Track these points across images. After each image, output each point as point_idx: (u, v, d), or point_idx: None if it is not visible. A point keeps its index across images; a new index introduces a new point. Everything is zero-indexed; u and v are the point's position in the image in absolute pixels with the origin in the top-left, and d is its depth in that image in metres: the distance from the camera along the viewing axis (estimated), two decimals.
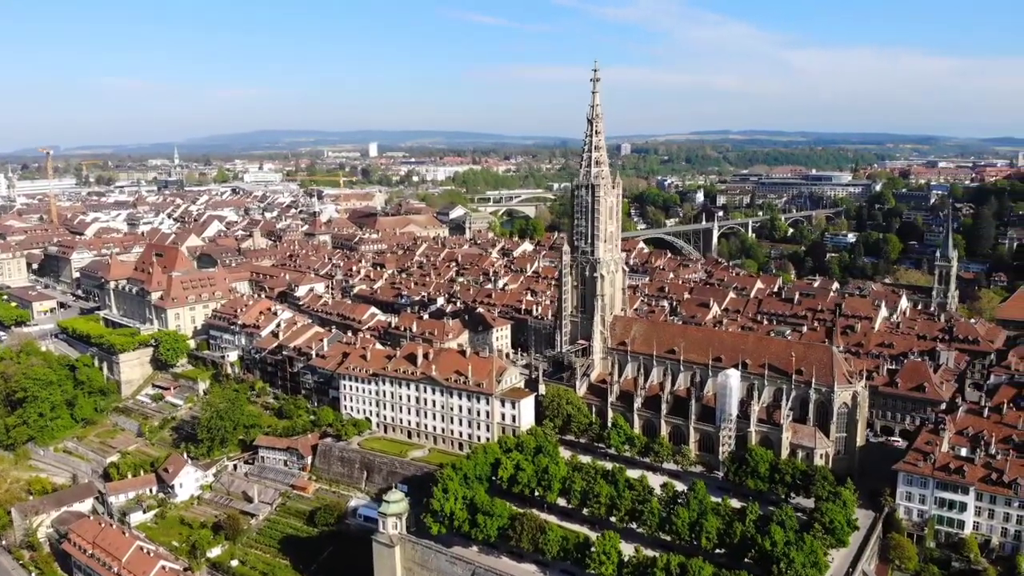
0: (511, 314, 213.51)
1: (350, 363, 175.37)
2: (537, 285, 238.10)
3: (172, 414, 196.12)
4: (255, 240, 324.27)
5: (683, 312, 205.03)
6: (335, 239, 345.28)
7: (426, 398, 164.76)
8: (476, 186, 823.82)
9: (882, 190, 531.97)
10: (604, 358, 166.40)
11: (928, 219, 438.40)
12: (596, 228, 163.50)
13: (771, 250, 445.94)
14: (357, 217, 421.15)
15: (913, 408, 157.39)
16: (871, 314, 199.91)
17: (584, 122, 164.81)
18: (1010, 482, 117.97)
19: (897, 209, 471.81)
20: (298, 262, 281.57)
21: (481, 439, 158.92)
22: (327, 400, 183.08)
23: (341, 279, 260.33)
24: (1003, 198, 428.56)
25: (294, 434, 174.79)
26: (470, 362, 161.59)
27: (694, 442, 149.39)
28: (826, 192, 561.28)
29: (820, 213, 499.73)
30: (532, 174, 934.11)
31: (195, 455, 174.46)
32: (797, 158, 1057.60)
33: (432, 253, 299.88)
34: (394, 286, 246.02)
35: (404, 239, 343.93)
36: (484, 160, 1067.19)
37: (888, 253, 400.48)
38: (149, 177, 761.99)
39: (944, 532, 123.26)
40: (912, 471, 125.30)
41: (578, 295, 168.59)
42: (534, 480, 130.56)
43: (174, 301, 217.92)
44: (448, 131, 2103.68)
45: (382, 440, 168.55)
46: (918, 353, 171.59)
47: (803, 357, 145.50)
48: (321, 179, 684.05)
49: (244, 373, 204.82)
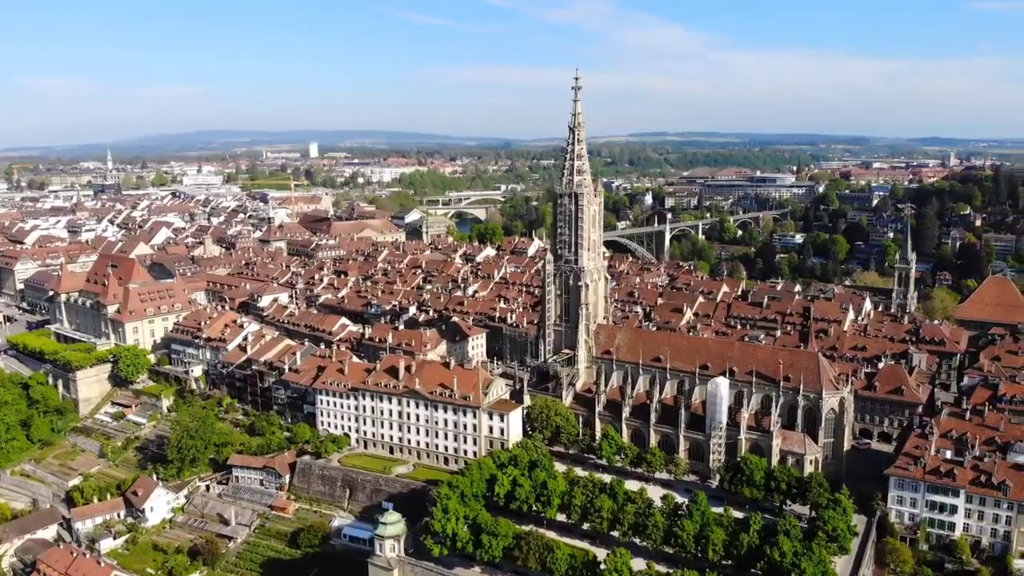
0: (485, 322, 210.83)
1: (327, 377, 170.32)
2: (508, 292, 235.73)
3: (135, 433, 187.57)
4: (207, 247, 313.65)
5: (657, 318, 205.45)
6: (290, 245, 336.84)
7: (409, 412, 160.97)
8: (424, 188, 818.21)
9: (825, 191, 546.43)
10: (589, 367, 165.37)
11: (872, 220, 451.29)
12: (580, 237, 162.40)
13: (721, 251, 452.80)
14: (309, 222, 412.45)
15: (891, 411, 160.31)
16: (840, 317, 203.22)
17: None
18: (999, 484, 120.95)
19: (842, 210, 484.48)
20: (255, 270, 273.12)
21: (468, 453, 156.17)
22: (302, 416, 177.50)
23: (303, 288, 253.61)
24: (943, 198, 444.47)
25: (269, 452, 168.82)
26: (455, 374, 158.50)
27: (684, 451, 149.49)
28: (771, 194, 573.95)
29: (767, 214, 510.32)
30: (479, 176, 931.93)
31: (164, 476, 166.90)
32: (736, 159, 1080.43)
33: (395, 259, 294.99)
34: (360, 295, 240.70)
35: (362, 245, 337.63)
36: (429, 161, 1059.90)
37: (836, 253, 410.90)
38: (84, 181, 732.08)
39: (935, 534, 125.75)
40: (903, 475, 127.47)
41: (561, 304, 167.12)
42: (532, 496, 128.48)
43: (132, 314, 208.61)
44: (390, 131, 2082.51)
45: (363, 456, 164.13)
46: (891, 356, 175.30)
47: (790, 364, 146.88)
48: (265, 182, 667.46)
49: (210, 389, 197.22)
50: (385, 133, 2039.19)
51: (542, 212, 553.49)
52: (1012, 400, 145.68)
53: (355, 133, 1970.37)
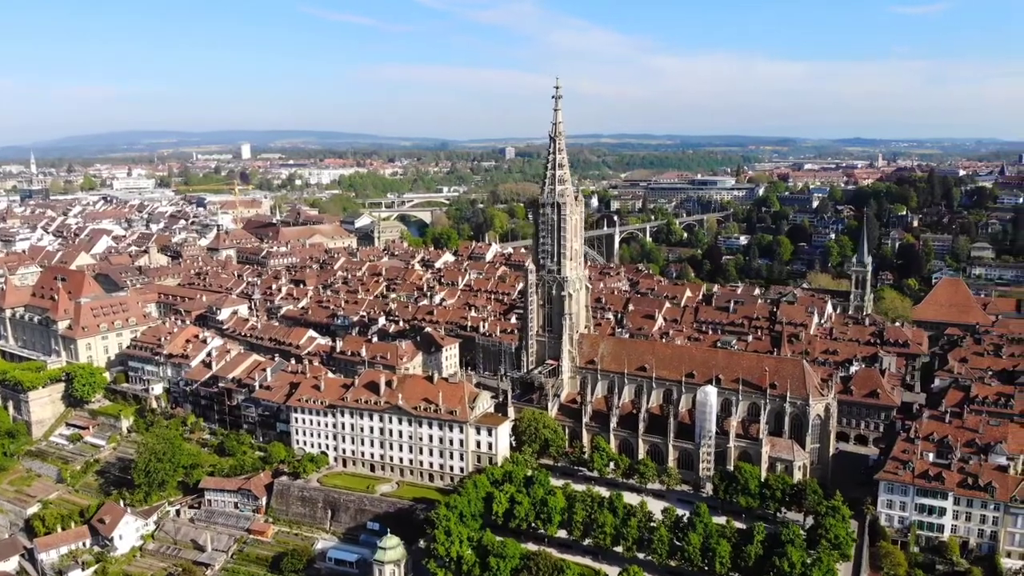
0: (456, 332, 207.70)
1: (302, 394, 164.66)
2: (476, 300, 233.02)
3: (94, 456, 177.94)
4: (152, 256, 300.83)
5: (629, 324, 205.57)
6: (240, 253, 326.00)
7: (392, 429, 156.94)
8: (364, 190, 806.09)
9: (766, 193, 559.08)
10: (573, 377, 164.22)
11: (814, 221, 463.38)
12: (562, 247, 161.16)
13: (669, 254, 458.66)
14: (254, 227, 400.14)
15: (867, 414, 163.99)
16: (806, 320, 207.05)
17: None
18: (985, 485, 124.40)
19: (783, 212, 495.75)
20: (208, 281, 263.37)
21: (455, 469, 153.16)
22: (275, 434, 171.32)
23: (260, 298, 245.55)
24: (881, 200, 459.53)
25: (242, 473, 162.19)
26: (439, 388, 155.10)
27: (673, 460, 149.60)
28: (712, 196, 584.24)
29: (711, 217, 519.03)
30: (420, 177, 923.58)
31: (131, 502, 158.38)
32: (672, 162, 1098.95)
33: (352, 267, 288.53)
34: (322, 305, 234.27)
35: (315, 251, 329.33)
36: (368, 162, 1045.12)
37: (781, 255, 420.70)
38: (8, 186, 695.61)
39: (925, 536, 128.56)
40: (893, 479, 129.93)
41: (544, 314, 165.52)
42: (532, 513, 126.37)
43: (84, 330, 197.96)
44: (320, 131, 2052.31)
45: (344, 475, 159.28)
46: (861, 359, 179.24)
47: (775, 371, 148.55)
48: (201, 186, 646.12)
49: (172, 407, 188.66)
50: (316, 133, 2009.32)
51: (489, 215, 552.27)
52: (984, 401, 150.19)
53: (285, 133, 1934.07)
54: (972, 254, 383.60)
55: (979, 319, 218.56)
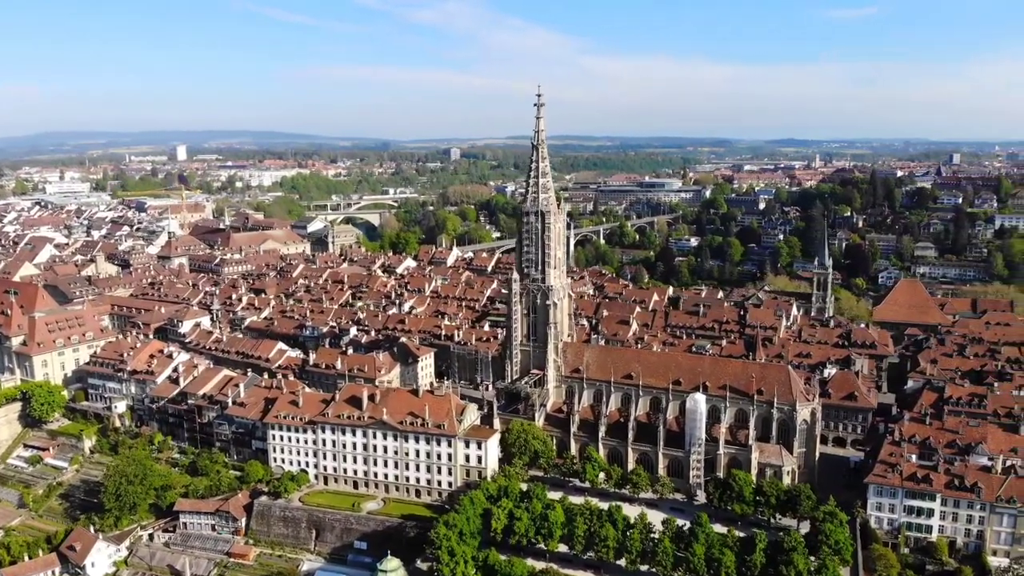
0: (431, 341, 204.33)
1: (279, 410, 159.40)
2: (447, 307, 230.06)
3: (57, 479, 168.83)
4: (99, 266, 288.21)
5: (604, 331, 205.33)
6: (192, 261, 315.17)
7: (376, 444, 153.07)
8: (308, 192, 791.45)
9: (712, 195, 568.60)
10: (558, 387, 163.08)
11: (762, 223, 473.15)
12: (547, 255, 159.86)
13: (623, 256, 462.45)
14: (202, 233, 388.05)
15: (845, 417, 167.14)
16: (775, 324, 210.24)
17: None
18: (971, 486, 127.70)
19: (731, 214, 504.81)
20: (163, 291, 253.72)
21: (443, 484, 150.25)
22: (250, 452, 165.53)
23: (221, 309, 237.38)
24: (825, 201, 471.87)
25: (218, 493, 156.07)
26: (425, 402, 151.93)
27: (663, 468, 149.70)
28: (661, 198, 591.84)
29: (662, 219, 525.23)
30: (365, 179, 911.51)
31: (102, 527, 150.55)
32: (615, 163, 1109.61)
33: (312, 275, 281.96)
34: (287, 315, 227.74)
35: (270, 258, 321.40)
36: (310, 163, 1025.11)
37: (732, 256, 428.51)
38: None
39: (913, 537, 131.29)
40: (883, 483, 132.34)
41: (528, 323, 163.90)
42: (532, 529, 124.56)
43: (40, 346, 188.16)
44: (257, 131, 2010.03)
45: (326, 494, 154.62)
46: (835, 362, 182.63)
47: (762, 377, 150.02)
48: (140, 191, 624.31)
49: (137, 426, 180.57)
50: (252, 133, 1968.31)
51: (441, 218, 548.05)
52: (959, 402, 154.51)
53: (220, 133, 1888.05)
54: (916, 253, 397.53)
55: (938, 319, 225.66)
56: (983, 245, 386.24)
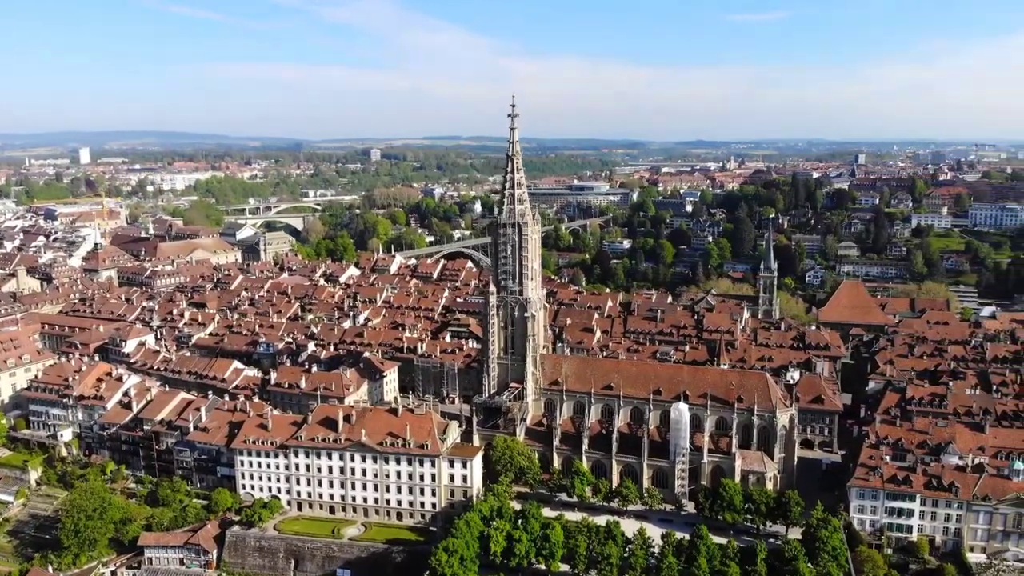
0: (393, 354, 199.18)
1: (247, 435, 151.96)
2: (404, 318, 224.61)
3: (3, 515, 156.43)
4: (20, 280, 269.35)
5: (569, 339, 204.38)
6: (121, 273, 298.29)
7: (354, 467, 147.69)
8: (225, 196, 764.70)
9: (640, 198, 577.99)
10: (537, 400, 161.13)
11: (691, 225, 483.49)
12: (524, 268, 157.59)
13: (559, 259, 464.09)
14: (125, 243, 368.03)
15: (812, 419, 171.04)
16: (732, 328, 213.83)
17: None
18: (949, 485, 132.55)
19: (660, 216, 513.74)
20: (96, 307, 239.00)
21: (426, 506, 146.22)
22: (215, 479, 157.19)
23: (161, 325, 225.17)
24: (750, 203, 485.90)
25: (184, 525, 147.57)
26: (406, 421, 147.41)
27: (647, 479, 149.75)
28: (591, 201, 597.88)
29: (594, 222, 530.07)
30: (283, 181, 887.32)
31: (59, 566, 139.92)
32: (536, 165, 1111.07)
33: (252, 286, 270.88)
34: (235, 331, 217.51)
35: (204, 269, 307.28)
36: (223, 165, 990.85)
37: (665, 258, 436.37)
38: None
39: (895, 538, 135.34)
40: (865, 485, 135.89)
41: (505, 336, 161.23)
42: (532, 550, 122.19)
43: None
44: (162, 131, 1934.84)
45: (303, 520, 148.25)
46: (796, 365, 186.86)
47: (740, 385, 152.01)
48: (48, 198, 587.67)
49: (87, 455, 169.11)
50: (156, 134, 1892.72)
51: (370, 222, 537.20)
52: (920, 402, 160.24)
53: (123, 134, 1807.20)
54: (839, 253, 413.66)
55: (881, 320, 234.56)
56: (902, 244, 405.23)
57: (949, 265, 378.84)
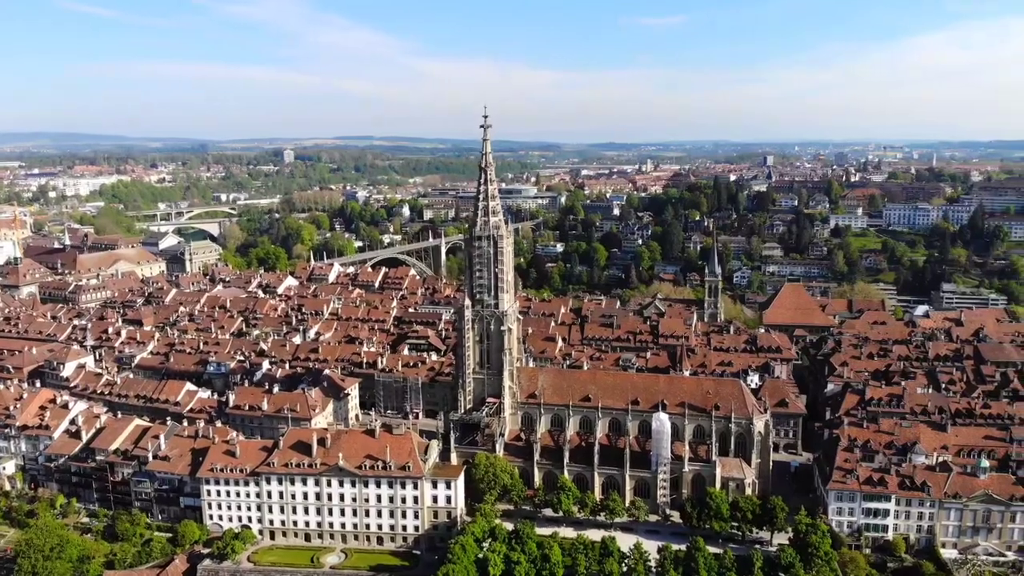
0: (352, 370, 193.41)
1: (213, 462, 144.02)
2: (357, 331, 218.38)
3: None
4: None
5: (532, 348, 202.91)
6: (43, 289, 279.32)
7: (331, 492, 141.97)
8: (133, 201, 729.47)
9: (569, 202, 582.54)
10: (514, 414, 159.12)
11: (621, 228, 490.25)
12: (500, 280, 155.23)
13: None
14: (39, 254, 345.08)
15: (777, 423, 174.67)
16: (686, 333, 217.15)
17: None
18: (921, 484, 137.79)
19: (589, 219, 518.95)
20: (22, 327, 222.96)
21: (408, 529, 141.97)
22: (178, 511, 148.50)
23: (96, 346, 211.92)
24: (676, 206, 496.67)
25: (150, 560, 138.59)
26: (385, 442, 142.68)
27: (629, 489, 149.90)
28: (520, 204, 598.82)
29: (526, 225, 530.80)
30: (193, 184, 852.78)
31: None
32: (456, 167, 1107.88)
33: (188, 300, 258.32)
34: (177, 349, 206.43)
35: (130, 282, 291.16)
36: (127, 168, 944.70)
37: (598, 261, 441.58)
38: None
39: (872, 538, 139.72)
40: (843, 488, 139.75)
41: (481, 350, 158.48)
42: (532, 571, 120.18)
43: None
44: (56, 132, 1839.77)
45: (278, 550, 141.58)
46: (755, 369, 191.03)
47: (716, 393, 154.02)
48: None
49: (32, 488, 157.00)
50: (50, 135, 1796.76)
51: (292, 226, 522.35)
52: (879, 403, 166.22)
53: (12, 136, 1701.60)
54: (764, 253, 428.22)
55: (823, 321, 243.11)
56: (823, 244, 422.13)
57: (868, 264, 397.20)
